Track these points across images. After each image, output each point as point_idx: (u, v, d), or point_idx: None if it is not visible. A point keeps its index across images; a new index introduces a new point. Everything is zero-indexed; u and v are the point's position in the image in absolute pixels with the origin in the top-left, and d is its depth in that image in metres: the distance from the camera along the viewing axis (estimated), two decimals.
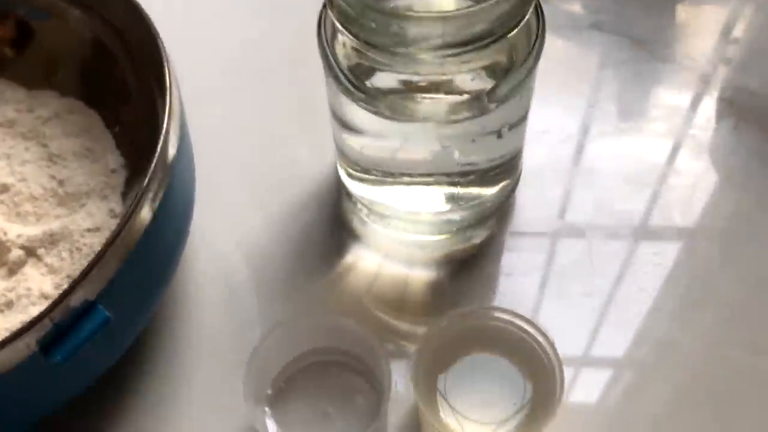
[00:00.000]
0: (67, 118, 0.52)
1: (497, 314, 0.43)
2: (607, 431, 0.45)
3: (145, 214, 0.39)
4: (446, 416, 0.41)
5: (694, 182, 0.54)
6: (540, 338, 0.42)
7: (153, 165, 0.39)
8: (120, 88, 0.50)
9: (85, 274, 0.36)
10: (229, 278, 0.51)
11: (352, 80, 0.43)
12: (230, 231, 0.53)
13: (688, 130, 0.57)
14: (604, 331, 0.48)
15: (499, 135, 0.45)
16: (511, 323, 0.43)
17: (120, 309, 0.38)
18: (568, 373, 0.41)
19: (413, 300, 0.50)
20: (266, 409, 0.44)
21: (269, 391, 0.45)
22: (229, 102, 0.59)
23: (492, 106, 0.42)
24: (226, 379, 0.46)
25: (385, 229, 0.52)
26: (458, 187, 0.49)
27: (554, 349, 0.41)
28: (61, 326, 0.36)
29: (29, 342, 0.35)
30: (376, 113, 0.42)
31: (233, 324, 0.50)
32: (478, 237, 0.52)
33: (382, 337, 0.45)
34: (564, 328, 0.47)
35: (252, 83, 0.60)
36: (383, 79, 0.43)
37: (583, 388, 0.46)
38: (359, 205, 0.52)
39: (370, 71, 0.43)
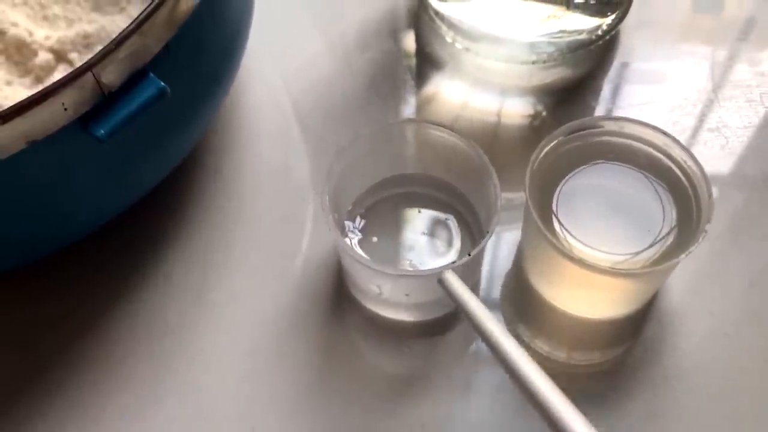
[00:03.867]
0: None
1: (630, 126, 0.35)
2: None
3: None
4: (566, 245, 0.33)
5: None
6: (682, 155, 0.34)
7: None
8: None
9: (136, 28, 0.28)
10: (289, 108, 0.44)
11: None
12: (291, 57, 0.46)
13: None
14: None
15: None
16: (646, 140, 0.35)
17: (176, 90, 0.30)
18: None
19: (506, 137, 0.43)
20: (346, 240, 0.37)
21: (348, 221, 0.37)
22: None
23: None
24: (289, 210, 0.40)
25: (475, 55, 0.44)
26: (563, 7, 0.41)
27: (700, 167, 0.34)
28: (106, 94, 0.28)
29: (66, 102, 0.27)
30: None
31: (293, 156, 0.42)
32: (582, 67, 0.44)
33: None
34: None
35: None
36: None
37: None
38: (444, 27, 0.44)
39: None
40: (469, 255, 0.32)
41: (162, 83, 0.29)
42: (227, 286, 0.38)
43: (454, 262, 0.32)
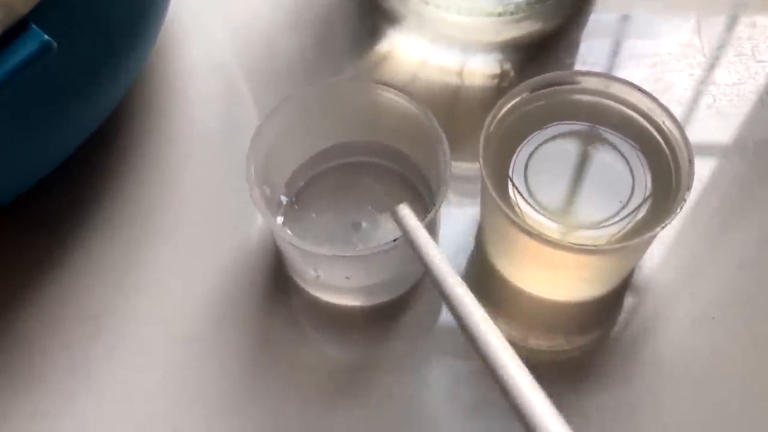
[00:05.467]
0: None
1: (600, 82, 0.31)
2: None
3: None
4: (525, 218, 0.29)
5: None
6: (660, 114, 0.30)
7: None
8: None
9: None
10: (227, 66, 0.39)
11: None
12: (232, 11, 0.41)
13: None
14: None
15: None
16: (619, 98, 0.31)
17: (68, 45, 0.26)
18: None
19: (469, 99, 0.39)
20: (279, 218, 0.33)
21: (283, 197, 0.33)
22: None
23: None
24: (226, 181, 0.36)
25: (436, 8, 0.40)
26: None
27: (680, 129, 0.30)
28: None
29: None
30: None
31: (230, 121, 0.38)
32: (554, 20, 0.40)
33: None
34: None
35: None
36: None
37: None
38: None
39: None
40: None
41: (46, 36, 0.25)
42: (152, 268, 0.34)
43: (395, 240, 0.28)
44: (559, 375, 0.32)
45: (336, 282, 0.31)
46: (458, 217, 0.36)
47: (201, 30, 0.40)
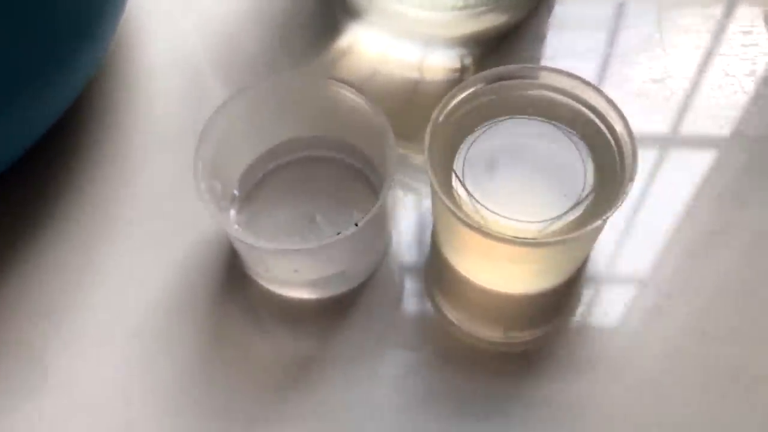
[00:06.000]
0: None
1: (549, 76, 0.31)
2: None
3: None
4: (470, 211, 0.29)
5: None
6: (605, 106, 0.30)
7: None
8: None
9: None
10: (188, 61, 0.40)
11: None
12: (189, 8, 0.41)
13: None
14: None
15: None
16: (567, 92, 0.31)
17: (13, 39, 0.26)
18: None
19: (429, 94, 0.39)
20: (232, 212, 0.33)
21: (236, 191, 0.34)
22: None
23: None
24: (183, 176, 0.36)
25: (397, 2, 0.40)
26: None
27: (624, 120, 0.30)
28: None
29: None
30: None
31: (190, 116, 0.38)
32: (516, 13, 0.40)
33: None
34: None
35: None
36: None
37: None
38: None
39: None
40: (356, 225, 0.29)
41: None
42: (107, 262, 0.34)
43: (339, 233, 0.29)
44: (510, 366, 0.32)
45: (285, 275, 0.32)
46: (417, 208, 0.36)
47: (162, 24, 0.41)
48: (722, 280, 0.34)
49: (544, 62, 0.39)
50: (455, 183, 0.30)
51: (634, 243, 0.34)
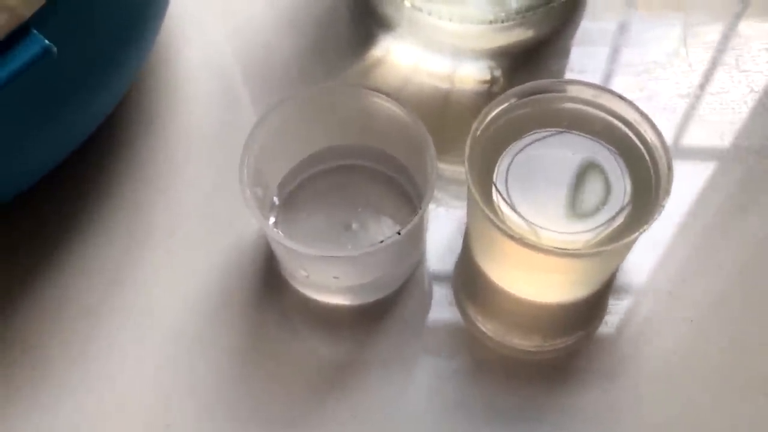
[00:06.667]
0: None
1: (584, 91, 0.32)
2: None
3: None
4: (511, 222, 0.30)
5: None
6: (640, 121, 0.31)
7: None
8: None
9: None
10: (224, 68, 0.40)
11: None
12: (230, 14, 0.42)
13: None
14: None
15: None
16: (602, 106, 0.32)
17: (68, 50, 0.27)
18: None
19: (459, 105, 0.40)
20: (271, 219, 0.34)
21: (275, 198, 0.34)
22: None
23: None
24: (222, 181, 0.37)
25: (428, 15, 0.40)
26: None
27: (660, 136, 0.30)
28: None
29: None
30: None
31: (227, 123, 0.39)
32: (543, 27, 0.41)
33: None
34: None
35: None
36: None
37: None
38: None
39: None
40: (399, 234, 0.29)
41: (46, 41, 0.26)
42: (148, 265, 0.35)
43: (381, 242, 0.29)
44: (541, 374, 0.33)
45: (325, 281, 0.32)
46: (447, 218, 0.37)
47: (198, 33, 0.41)
48: (749, 287, 0.35)
49: (569, 75, 0.40)
50: (495, 195, 0.31)
51: (662, 255, 0.35)
